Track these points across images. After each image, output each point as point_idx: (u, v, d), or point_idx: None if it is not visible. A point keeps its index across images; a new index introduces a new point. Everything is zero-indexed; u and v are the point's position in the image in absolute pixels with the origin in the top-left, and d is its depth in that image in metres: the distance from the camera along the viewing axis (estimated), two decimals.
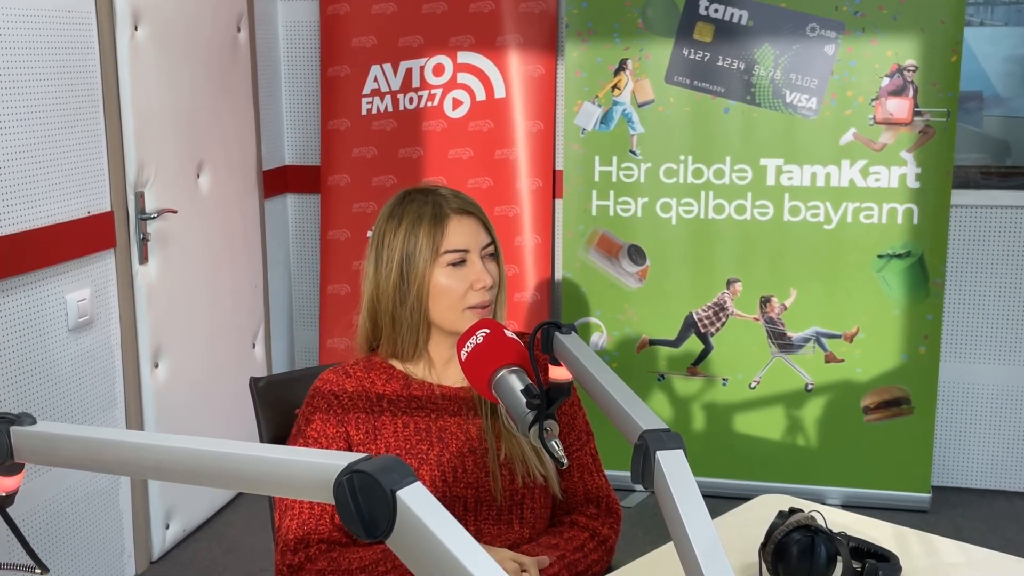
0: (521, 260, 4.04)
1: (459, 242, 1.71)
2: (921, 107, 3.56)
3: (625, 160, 3.79)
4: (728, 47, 3.68)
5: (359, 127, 4.11)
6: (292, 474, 0.93)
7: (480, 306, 1.71)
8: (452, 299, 1.71)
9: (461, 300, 1.71)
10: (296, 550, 1.66)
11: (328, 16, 4.10)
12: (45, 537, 2.85)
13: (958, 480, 3.94)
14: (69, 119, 2.88)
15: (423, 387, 1.75)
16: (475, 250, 1.72)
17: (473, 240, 1.72)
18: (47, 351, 2.82)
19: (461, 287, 1.71)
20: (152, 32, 3.18)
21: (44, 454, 1.12)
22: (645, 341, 3.87)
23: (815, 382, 3.76)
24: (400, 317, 1.73)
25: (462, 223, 1.73)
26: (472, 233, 1.73)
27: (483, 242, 1.73)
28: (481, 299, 1.71)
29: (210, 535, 3.55)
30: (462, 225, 1.72)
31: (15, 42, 2.66)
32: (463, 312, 1.71)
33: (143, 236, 3.18)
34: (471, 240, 1.72)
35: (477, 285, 1.70)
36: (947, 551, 1.81)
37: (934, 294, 3.63)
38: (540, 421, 1.31)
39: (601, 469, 1.87)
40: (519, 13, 3.94)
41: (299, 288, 4.45)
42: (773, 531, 1.63)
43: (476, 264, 1.72)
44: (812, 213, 3.68)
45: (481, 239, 1.73)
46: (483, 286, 1.70)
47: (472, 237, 1.72)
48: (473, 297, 1.71)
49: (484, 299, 1.71)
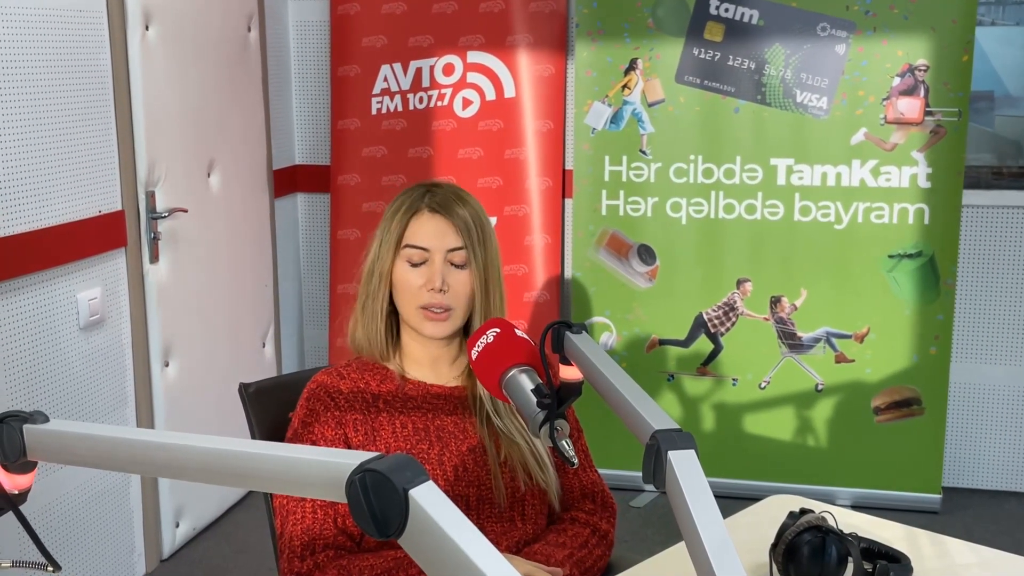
0: (530, 260, 4.04)
1: (419, 239, 1.70)
2: (932, 107, 3.55)
3: (635, 160, 3.79)
4: (739, 47, 3.67)
5: (369, 127, 4.11)
6: (304, 473, 0.93)
7: (431, 308, 1.69)
8: (407, 295, 1.70)
9: (415, 297, 1.70)
10: (303, 556, 1.64)
11: (338, 16, 4.10)
12: (57, 535, 2.86)
13: (969, 481, 3.93)
14: (80, 118, 2.88)
15: (417, 387, 1.75)
16: (437, 251, 1.69)
17: (436, 241, 1.69)
18: (58, 350, 2.83)
19: (414, 284, 1.69)
20: (163, 32, 3.19)
21: (57, 452, 1.12)
22: (655, 341, 3.87)
23: (825, 382, 3.75)
24: (368, 307, 1.74)
25: (429, 221, 1.70)
26: (436, 234, 1.70)
27: (449, 245, 1.69)
28: (431, 301, 1.68)
29: (219, 534, 3.56)
30: (428, 223, 1.70)
31: (27, 42, 2.67)
32: (416, 310, 1.70)
33: (154, 235, 3.19)
34: (433, 240, 1.69)
35: (427, 286, 1.68)
36: (958, 552, 1.80)
37: (945, 294, 3.62)
38: (551, 421, 1.31)
39: (593, 465, 1.87)
40: (529, 13, 3.94)
41: (309, 287, 4.46)
42: (784, 531, 1.62)
43: (433, 266, 1.69)
44: (823, 213, 3.68)
45: (447, 242, 1.69)
46: (431, 288, 1.68)
47: (435, 238, 1.69)
48: (424, 297, 1.69)
49: (436, 302, 1.68)
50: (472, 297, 1.71)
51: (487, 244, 1.73)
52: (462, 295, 1.70)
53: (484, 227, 1.73)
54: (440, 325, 1.70)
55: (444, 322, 1.70)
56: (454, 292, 1.70)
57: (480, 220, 1.73)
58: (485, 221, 1.75)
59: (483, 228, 1.73)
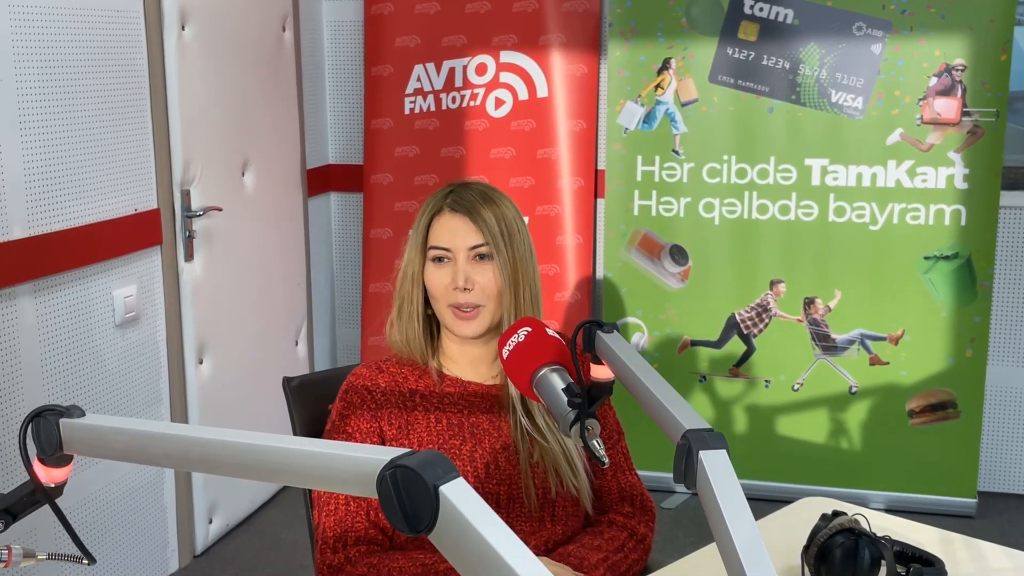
0: (562, 260, 4.03)
1: (441, 239, 1.71)
2: (970, 107, 3.51)
3: (668, 160, 3.77)
4: (773, 46, 3.65)
5: (402, 126, 4.13)
6: (335, 468, 0.93)
7: (460, 307, 1.70)
8: (437, 295, 1.72)
9: (444, 297, 1.71)
10: (336, 549, 1.65)
11: (372, 16, 4.12)
12: (92, 529, 2.89)
13: (1005, 485, 3.88)
14: (117, 118, 2.92)
15: (455, 384, 1.76)
16: (460, 250, 1.70)
17: (458, 240, 1.70)
18: (94, 346, 2.86)
19: (441, 284, 1.70)
20: (199, 32, 3.22)
21: (92, 446, 1.14)
22: (687, 342, 3.85)
23: (859, 385, 3.72)
24: (404, 310, 1.75)
25: (449, 221, 1.71)
26: (457, 233, 1.70)
27: (470, 243, 1.70)
28: (459, 300, 1.69)
29: (252, 530, 3.58)
30: (449, 223, 1.71)
31: (65, 42, 2.70)
32: (447, 309, 1.71)
33: (189, 233, 3.22)
34: (454, 240, 1.70)
35: (452, 286, 1.69)
36: (994, 556, 1.78)
37: (982, 296, 3.58)
38: (582, 420, 1.30)
39: (633, 467, 1.86)
40: (562, 12, 3.94)
41: (341, 286, 4.48)
42: (816, 534, 1.61)
43: (457, 264, 1.70)
44: (857, 214, 3.65)
45: (468, 240, 1.69)
46: (456, 287, 1.69)
47: (456, 237, 1.70)
48: (452, 296, 1.70)
49: (463, 300, 1.69)
50: (501, 294, 1.71)
51: (513, 241, 1.71)
52: (490, 293, 1.70)
53: (510, 224, 1.72)
54: (471, 324, 1.71)
55: (474, 320, 1.70)
56: (481, 289, 1.69)
57: (506, 218, 1.72)
58: (512, 218, 1.73)
59: (508, 225, 1.71)
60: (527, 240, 1.75)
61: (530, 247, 1.75)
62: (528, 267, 1.73)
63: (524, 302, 1.72)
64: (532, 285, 1.74)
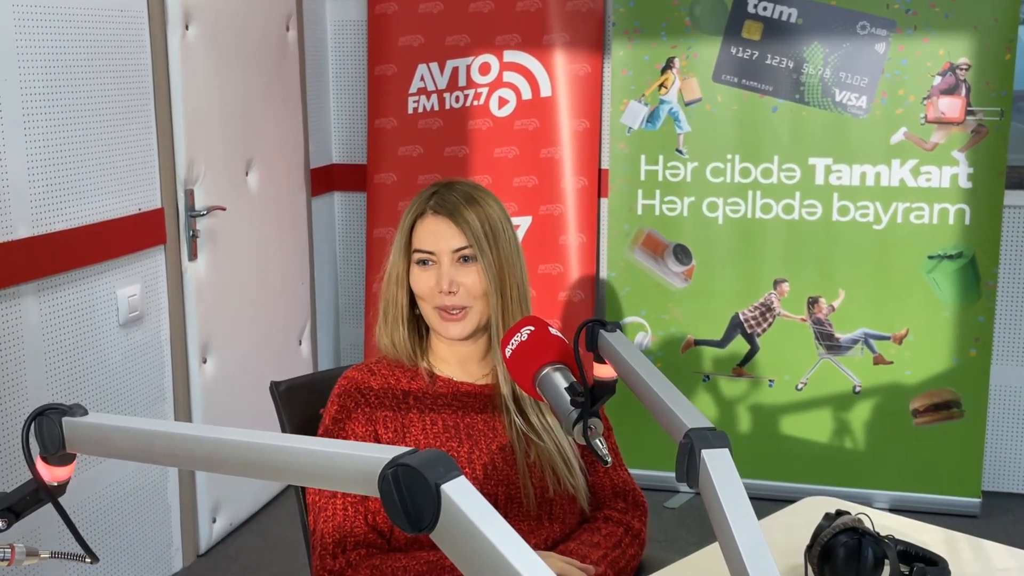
0: (566, 259, 4.03)
1: (424, 243, 1.70)
2: (974, 106, 3.51)
3: (671, 159, 3.77)
4: (777, 45, 3.64)
5: (405, 126, 4.13)
6: (337, 467, 0.93)
7: (446, 309, 1.69)
8: (422, 297, 1.71)
9: (430, 300, 1.71)
10: (335, 554, 1.65)
11: (376, 15, 4.12)
12: (95, 528, 2.89)
13: (1009, 485, 3.87)
14: (121, 117, 2.92)
15: (447, 384, 1.75)
16: (443, 253, 1.69)
17: (441, 243, 1.69)
18: (98, 345, 2.87)
19: (426, 287, 1.70)
20: (203, 31, 3.22)
21: (95, 444, 1.14)
22: (690, 341, 3.85)
23: (863, 384, 3.71)
24: (390, 313, 1.75)
25: (432, 223, 1.71)
26: (440, 236, 1.69)
27: (453, 246, 1.69)
28: (444, 302, 1.69)
29: (256, 529, 3.58)
30: (431, 225, 1.70)
31: (69, 41, 2.70)
32: (433, 311, 1.71)
33: (192, 233, 3.22)
34: (438, 243, 1.69)
35: (437, 289, 1.69)
36: (998, 556, 1.78)
37: (986, 296, 3.58)
38: (584, 419, 1.30)
39: (623, 463, 1.86)
40: (566, 12, 3.94)
41: (345, 286, 4.48)
42: (819, 533, 1.61)
43: (442, 267, 1.69)
44: (861, 213, 3.64)
45: (452, 243, 1.69)
46: (440, 290, 1.68)
47: (439, 240, 1.69)
48: (438, 299, 1.69)
49: (449, 303, 1.69)
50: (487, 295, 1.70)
51: (498, 242, 1.70)
52: (475, 294, 1.69)
53: (495, 224, 1.70)
54: (457, 325, 1.70)
55: (461, 321, 1.70)
56: (466, 291, 1.69)
57: (490, 218, 1.70)
58: (497, 218, 1.71)
59: (493, 226, 1.70)
60: (513, 239, 1.74)
61: (517, 246, 1.74)
62: (515, 266, 1.72)
63: (512, 302, 1.71)
64: (519, 284, 1.73)
